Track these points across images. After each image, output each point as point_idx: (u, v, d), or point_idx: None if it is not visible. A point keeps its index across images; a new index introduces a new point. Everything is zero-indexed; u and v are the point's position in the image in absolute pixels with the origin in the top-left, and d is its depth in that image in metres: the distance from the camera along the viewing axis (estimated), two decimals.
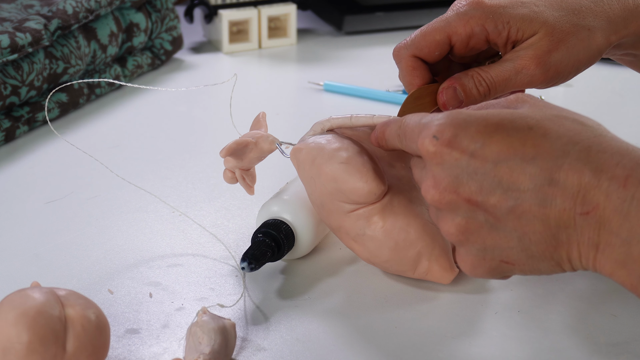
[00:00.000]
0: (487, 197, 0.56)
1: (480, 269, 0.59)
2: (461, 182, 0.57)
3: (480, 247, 0.58)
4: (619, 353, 0.63)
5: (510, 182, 0.55)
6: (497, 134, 0.56)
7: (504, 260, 0.58)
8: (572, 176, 0.54)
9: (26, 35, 0.93)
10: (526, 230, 0.56)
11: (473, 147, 0.56)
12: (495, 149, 0.56)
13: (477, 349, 0.64)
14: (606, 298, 0.69)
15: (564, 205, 0.55)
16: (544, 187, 0.55)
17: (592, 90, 1.11)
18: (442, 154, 0.57)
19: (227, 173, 0.74)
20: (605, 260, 0.55)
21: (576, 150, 0.55)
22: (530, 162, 0.55)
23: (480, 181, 0.56)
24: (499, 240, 0.57)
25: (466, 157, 0.56)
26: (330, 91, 1.09)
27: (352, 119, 0.71)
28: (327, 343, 0.64)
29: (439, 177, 0.58)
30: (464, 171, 0.57)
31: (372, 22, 1.28)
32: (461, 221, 0.58)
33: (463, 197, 0.57)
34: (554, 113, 0.58)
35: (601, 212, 0.54)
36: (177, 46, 1.15)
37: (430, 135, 0.58)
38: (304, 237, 0.72)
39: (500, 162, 0.56)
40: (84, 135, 0.97)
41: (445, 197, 0.58)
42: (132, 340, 0.64)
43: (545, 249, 0.56)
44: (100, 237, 0.78)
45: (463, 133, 0.57)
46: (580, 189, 0.54)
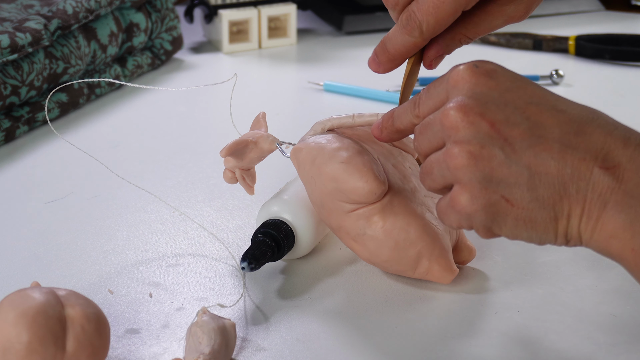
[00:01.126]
0: (511, 127, 0.56)
1: (477, 201, 0.57)
2: (489, 109, 0.57)
3: (486, 175, 0.56)
4: (619, 353, 0.63)
5: (539, 121, 0.56)
6: (532, 84, 0.58)
7: (505, 197, 0.56)
8: (599, 134, 0.55)
9: (26, 35, 0.93)
10: (539, 169, 0.55)
11: (509, 84, 0.57)
12: (529, 91, 0.57)
13: (477, 349, 0.64)
14: (606, 298, 0.69)
15: (584, 155, 0.55)
16: (570, 134, 0.55)
17: (592, 90, 1.11)
18: (478, 80, 0.57)
19: (227, 173, 0.74)
20: (608, 220, 0.54)
21: (603, 119, 0.56)
22: (561, 112, 0.56)
23: (509, 113, 0.56)
24: (508, 174, 0.56)
25: (501, 90, 0.57)
26: (330, 91, 1.09)
27: (355, 117, 0.71)
28: (327, 343, 0.64)
29: (465, 102, 0.57)
30: (494, 101, 0.57)
31: (372, 22, 1.28)
32: (476, 147, 0.56)
33: (487, 120, 0.56)
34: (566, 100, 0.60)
35: (621, 172, 0.54)
36: (177, 46, 1.15)
37: (471, 64, 0.58)
38: (304, 237, 0.72)
39: (532, 102, 0.57)
40: (84, 135, 0.97)
41: (469, 116, 0.56)
42: (132, 340, 0.64)
43: (551, 195, 0.55)
44: (100, 237, 0.78)
45: (503, 70, 0.58)
46: (604, 146, 0.55)
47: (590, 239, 0.56)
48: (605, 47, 1.17)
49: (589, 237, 0.56)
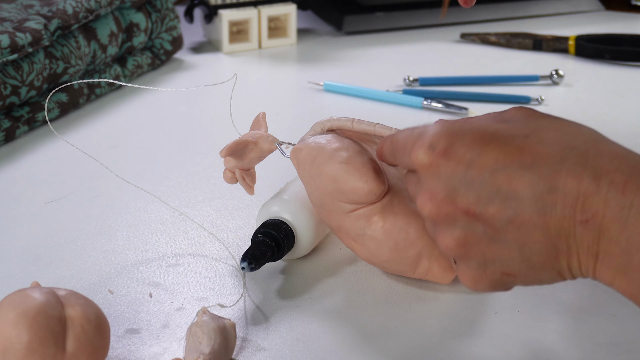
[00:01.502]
0: (485, 207, 0.55)
1: (481, 283, 0.58)
2: (458, 193, 0.55)
3: (480, 260, 0.57)
4: (619, 353, 0.63)
5: (508, 190, 0.54)
6: (493, 142, 0.55)
7: (505, 272, 0.57)
8: (571, 182, 0.53)
9: (26, 35, 0.93)
10: (526, 240, 0.55)
11: (470, 156, 0.55)
12: (492, 156, 0.55)
13: (477, 349, 0.64)
14: (606, 298, 0.69)
15: (564, 213, 0.53)
16: (544, 194, 0.54)
17: (592, 90, 1.11)
18: (439, 165, 0.56)
19: (227, 173, 0.74)
20: (605, 269, 0.54)
21: (574, 154, 0.54)
22: (528, 169, 0.54)
23: (477, 191, 0.55)
24: (499, 252, 0.56)
25: (463, 167, 0.55)
26: (330, 91, 1.09)
27: (354, 123, 0.70)
28: (327, 343, 0.64)
29: (435, 189, 0.56)
30: (461, 181, 0.55)
31: (372, 22, 1.28)
32: (460, 234, 0.56)
33: (461, 209, 0.56)
34: (550, 120, 0.57)
35: (600, 220, 0.53)
36: (177, 46, 1.15)
37: (426, 145, 0.56)
38: (304, 237, 0.72)
39: (497, 170, 0.54)
40: (84, 135, 0.97)
41: (442, 209, 0.56)
42: (132, 340, 0.64)
43: (546, 259, 0.55)
44: (100, 237, 0.78)
45: (459, 142, 0.55)
46: (579, 195, 0.53)
47: (596, 279, 0.55)
48: (605, 47, 1.17)
49: (594, 278, 0.55)
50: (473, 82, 1.11)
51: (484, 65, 1.18)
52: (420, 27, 1.31)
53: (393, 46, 1.24)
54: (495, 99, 1.07)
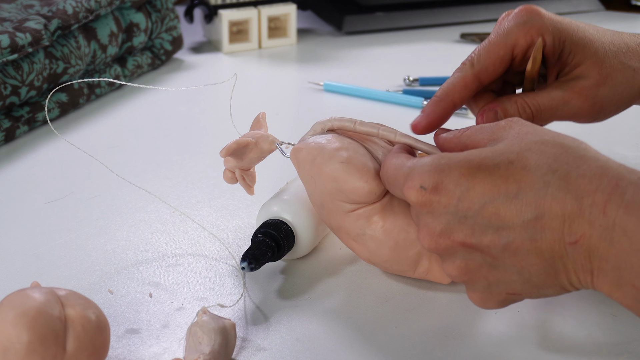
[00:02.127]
0: (480, 238, 0.57)
1: (490, 303, 0.61)
2: (453, 228, 0.58)
3: (484, 284, 0.59)
4: (619, 353, 0.63)
5: (499, 220, 0.56)
6: (479, 174, 0.57)
7: (510, 292, 0.59)
8: (555, 206, 0.55)
9: (26, 35, 0.93)
10: (523, 264, 0.57)
11: (459, 191, 0.57)
12: (479, 190, 0.57)
13: (477, 349, 0.64)
14: (606, 298, 0.68)
15: (553, 237, 0.55)
16: (532, 221, 0.56)
17: None
18: (431, 203, 0.58)
19: (227, 173, 0.74)
20: (601, 283, 0.56)
21: (556, 178, 0.55)
22: (514, 198, 0.56)
23: (471, 224, 0.57)
24: (500, 276, 0.58)
25: (454, 203, 0.57)
26: (330, 91, 1.09)
27: (356, 124, 0.70)
28: (327, 343, 0.64)
29: (431, 225, 0.59)
30: (454, 216, 0.58)
31: (372, 22, 1.28)
32: (461, 263, 0.59)
33: (457, 242, 0.58)
34: (535, 139, 0.58)
35: (588, 241, 0.54)
36: (177, 46, 1.15)
37: (417, 186, 0.59)
38: (304, 237, 0.72)
39: (486, 202, 0.56)
40: (84, 135, 0.97)
41: (440, 243, 0.59)
42: (132, 340, 0.64)
43: (546, 278, 0.57)
44: (100, 237, 0.78)
45: (447, 179, 0.58)
46: (565, 219, 0.55)
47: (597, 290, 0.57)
48: None
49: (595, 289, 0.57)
50: None
51: None
52: (420, 27, 1.31)
53: (393, 46, 1.24)
54: None
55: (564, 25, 0.71)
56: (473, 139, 0.61)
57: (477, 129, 0.62)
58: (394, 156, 0.64)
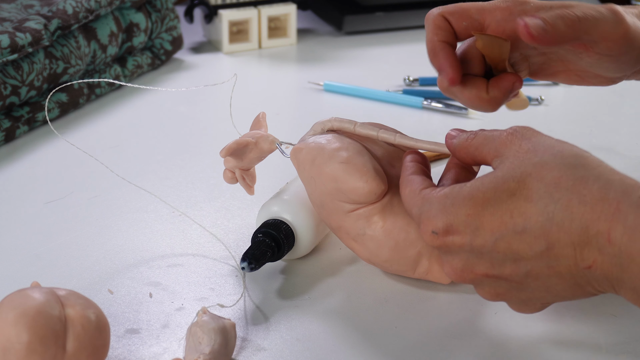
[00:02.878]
0: (500, 270, 0.59)
1: (528, 310, 0.62)
2: (473, 263, 0.60)
3: (517, 300, 0.61)
4: (619, 353, 0.63)
5: (513, 253, 0.58)
6: (485, 211, 0.58)
7: (544, 303, 0.61)
8: (563, 237, 0.56)
9: (26, 35, 0.93)
10: (548, 285, 0.58)
11: (469, 231, 0.59)
12: (488, 227, 0.58)
13: (477, 349, 0.64)
14: (606, 298, 0.69)
15: (568, 263, 0.57)
16: (544, 252, 0.57)
17: (592, 90, 1.11)
18: (446, 244, 0.60)
19: (227, 173, 0.74)
20: (624, 294, 0.57)
21: (559, 209, 0.56)
22: (523, 233, 0.57)
23: (488, 258, 0.59)
24: (530, 295, 0.60)
25: (467, 242, 0.59)
26: (330, 91, 1.09)
27: (356, 126, 0.70)
28: (327, 343, 0.64)
29: (452, 262, 0.61)
30: (471, 254, 0.59)
31: (372, 22, 1.28)
32: (490, 290, 0.61)
33: (481, 274, 0.60)
34: (535, 161, 0.58)
35: (600, 265, 0.56)
36: (177, 46, 1.15)
37: (429, 231, 0.60)
38: (304, 237, 0.72)
39: (497, 239, 0.58)
40: (84, 135, 0.97)
41: (466, 277, 0.61)
42: (132, 340, 0.64)
43: (574, 292, 0.59)
44: (100, 237, 0.78)
45: (456, 221, 0.59)
46: (575, 247, 0.56)
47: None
48: None
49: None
50: None
51: None
52: (420, 27, 1.31)
53: (393, 46, 1.24)
54: None
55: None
56: (480, 152, 0.62)
57: (483, 141, 0.62)
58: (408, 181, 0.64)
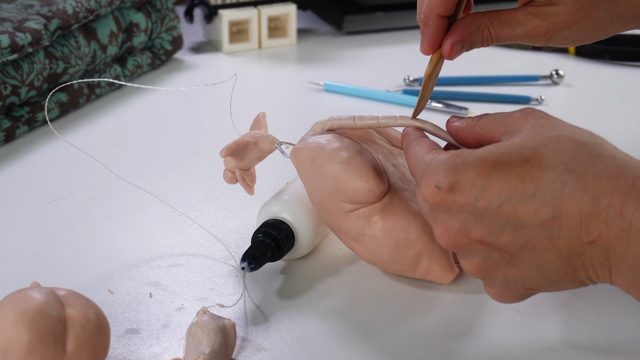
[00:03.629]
0: (497, 237, 0.57)
1: (508, 298, 0.61)
2: (470, 226, 0.58)
3: (502, 280, 0.59)
4: (619, 353, 0.63)
5: (516, 219, 0.56)
6: (495, 173, 0.57)
7: (529, 288, 0.59)
8: (572, 207, 0.55)
9: (26, 35, 0.93)
10: (542, 261, 0.57)
11: (475, 191, 0.57)
12: (496, 189, 0.56)
13: (477, 349, 0.64)
14: (606, 298, 0.69)
15: (570, 236, 0.55)
16: (549, 220, 0.55)
17: (592, 90, 1.11)
18: (447, 202, 0.58)
19: (227, 173, 0.74)
20: (619, 280, 0.55)
21: (572, 178, 0.55)
22: (531, 198, 0.56)
23: (488, 223, 0.57)
24: (518, 273, 0.58)
25: (470, 202, 0.57)
26: (330, 91, 1.09)
27: (355, 120, 0.70)
28: (327, 343, 0.64)
29: (448, 223, 0.59)
30: (471, 215, 0.58)
31: (372, 22, 1.28)
32: (479, 261, 0.59)
33: (475, 240, 0.58)
34: (551, 134, 0.57)
35: (605, 241, 0.54)
36: (177, 46, 1.15)
37: (432, 185, 0.58)
38: (304, 237, 0.72)
39: (503, 202, 0.56)
40: (84, 135, 0.97)
41: (458, 241, 0.59)
42: (132, 340, 0.64)
43: (564, 275, 0.57)
44: (100, 237, 0.78)
45: (463, 179, 0.57)
46: (582, 219, 0.55)
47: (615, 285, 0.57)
48: (605, 47, 1.17)
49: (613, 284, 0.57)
50: (473, 82, 1.11)
51: (484, 65, 1.18)
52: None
53: (393, 46, 1.24)
54: (495, 99, 1.07)
55: None
56: (487, 130, 0.61)
57: (492, 120, 0.61)
58: (416, 142, 0.63)
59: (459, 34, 0.67)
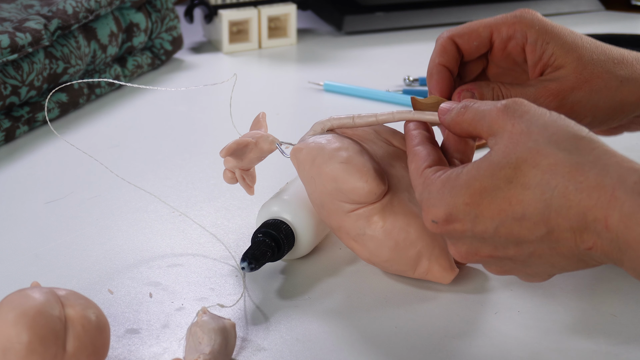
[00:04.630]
0: (504, 252, 0.60)
1: (536, 281, 0.63)
2: (477, 246, 0.61)
3: (524, 274, 0.62)
4: (619, 353, 0.63)
5: (515, 237, 0.58)
6: (483, 200, 0.58)
7: (550, 274, 0.62)
8: (562, 222, 0.57)
9: (26, 35, 0.93)
10: (552, 262, 0.59)
11: (469, 219, 0.59)
12: (488, 215, 0.59)
13: (477, 349, 0.64)
14: (606, 298, 0.69)
15: (569, 244, 0.57)
16: (545, 236, 0.57)
17: None
18: (448, 231, 0.61)
19: (227, 173, 0.74)
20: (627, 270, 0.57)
21: (555, 196, 0.56)
22: (522, 219, 0.58)
23: (491, 243, 0.60)
24: (536, 269, 0.61)
25: (469, 229, 0.60)
26: (330, 91, 1.09)
27: (355, 119, 0.70)
28: (327, 343, 0.64)
29: (457, 246, 0.62)
30: (474, 239, 0.60)
31: (372, 22, 1.28)
32: (497, 268, 0.62)
33: (486, 256, 0.61)
34: (529, 145, 0.58)
35: (601, 248, 0.56)
36: (177, 46, 1.15)
37: (429, 220, 0.61)
38: (304, 237, 0.72)
39: (498, 225, 0.58)
40: (84, 135, 0.97)
41: (471, 259, 0.62)
42: (132, 340, 0.64)
43: (578, 265, 0.59)
44: (100, 237, 0.78)
45: (455, 210, 0.59)
46: (574, 231, 0.57)
47: None
48: None
49: None
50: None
51: None
52: (420, 27, 1.31)
53: (393, 46, 1.24)
54: None
55: (555, 28, 0.71)
56: (474, 127, 0.62)
57: (475, 115, 0.62)
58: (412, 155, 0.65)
59: (469, 85, 0.71)
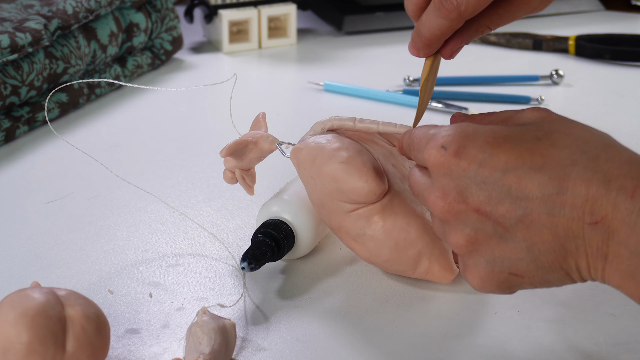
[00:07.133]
0: (496, 206, 0.56)
1: (489, 283, 0.59)
2: (470, 192, 0.57)
3: (489, 258, 0.58)
4: (619, 353, 0.63)
5: (518, 190, 0.55)
6: (505, 144, 0.56)
7: (513, 273, 0.58)
8: (580, 185, 0.54)
9: (26, 35, 0.93)
10: (535, 240, 0.56)
11: (481, 157, 0.56)
12: (503, 158, 0.56)
13: (477, 349, 0.64)
14: (606, 298, 0.69)
15: (572, 214, 0.54)
16: (553, 195, 0.54)
17: (592, 90, 1.11)
18: (450, 164, 0.57)
19: (227, 173, 0.74)
20: (613, 271, 0.54)
21: (584, 158, 0.54)
22: (538, 171, 0.55)
23: (488, 190, 0.56)
24: (508, 251, 0.57)
25: (474, 167, 0.56)
26: (330, 91, 1.09)
27: (356, 122, 0.70)
28: (327, 343, 0.64)
29: (446, 188, 0.57)
30: (472, 181, 0.56)
31: (372, 22, 1.28)
32: (470, 232, 0.57)
33: (472, 207, 0.57)
34: (564, 123, 0.57)
35: (609, 223, 0.53)
36: (177, 46, 1.15)
37: (438, 145, 0.57)
38: (304, 237, 0.72)
39: (508, 170, 0.55)
40: (84, 135, 0.97)
41: (454, 207, 0.57)
42: (132, 340, 0.64)
43: (554, 259, 0.56)
44: (100, 237, 0.78)
45: (471, 144, 0.57)
46: (588, 198, 0.54)
47: (605, 282, 0.56)
48: (605, 47, 1.17)
49: (603, 281, 0.56)
50: (473, 82, 1.12)
51: (484, 65, 1.18)
52: None
53: (393, 46, 1.24)
54: (495, 99, 1.07)
55: None
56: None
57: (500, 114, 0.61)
58: (422, 126, 0.62)
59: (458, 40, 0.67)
